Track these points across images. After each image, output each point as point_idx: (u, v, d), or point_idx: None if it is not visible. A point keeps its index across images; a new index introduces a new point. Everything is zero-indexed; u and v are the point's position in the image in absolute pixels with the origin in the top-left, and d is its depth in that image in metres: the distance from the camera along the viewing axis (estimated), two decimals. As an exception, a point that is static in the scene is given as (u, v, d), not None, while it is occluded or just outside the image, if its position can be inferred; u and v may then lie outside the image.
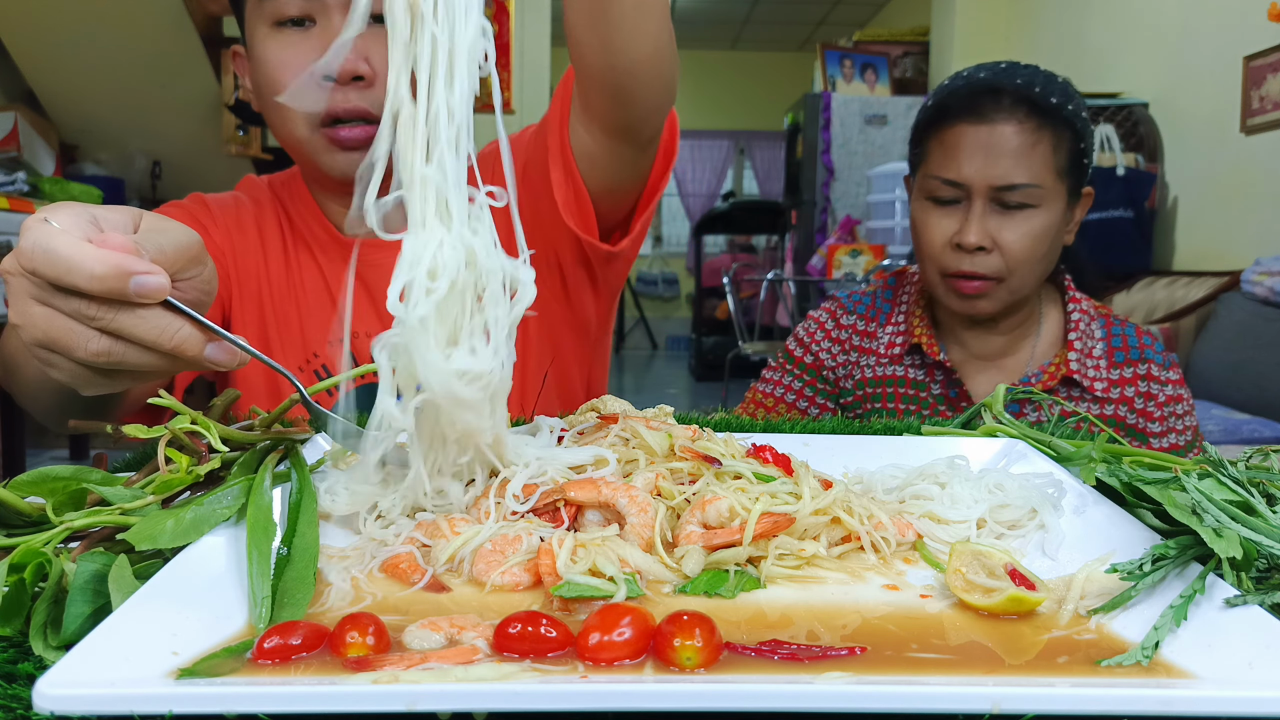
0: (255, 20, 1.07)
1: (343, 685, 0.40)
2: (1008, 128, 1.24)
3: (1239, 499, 0.58)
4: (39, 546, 0.52)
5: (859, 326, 1.46)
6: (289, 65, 1.04)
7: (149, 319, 0.58)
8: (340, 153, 1.07)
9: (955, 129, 1.27)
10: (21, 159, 4.03)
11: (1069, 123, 1.26)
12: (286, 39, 1.05)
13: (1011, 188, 1.24)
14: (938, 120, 1.30)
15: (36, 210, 3.29)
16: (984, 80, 1.29)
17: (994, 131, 1.24)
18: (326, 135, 1.06)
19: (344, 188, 1.12)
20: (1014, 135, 1.24)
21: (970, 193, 1.25)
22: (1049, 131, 1.25)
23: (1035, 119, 1.24)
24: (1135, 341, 1.35)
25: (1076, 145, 1.27)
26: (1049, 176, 1.25)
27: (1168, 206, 4.01)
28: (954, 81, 1.33)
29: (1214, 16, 3.75)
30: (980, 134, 1.25)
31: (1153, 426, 1.33)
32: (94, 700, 0.38)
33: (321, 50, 1.03)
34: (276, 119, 1.08)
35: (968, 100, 1.27)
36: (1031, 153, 1.24)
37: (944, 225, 1.28)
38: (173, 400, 0.65)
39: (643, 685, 0.41)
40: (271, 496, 0.60)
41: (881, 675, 0.45)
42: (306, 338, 1.17)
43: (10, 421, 3.45)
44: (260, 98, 1.10)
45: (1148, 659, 0.46)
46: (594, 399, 0.80)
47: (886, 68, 5.66)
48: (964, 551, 0.56)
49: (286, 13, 1.04)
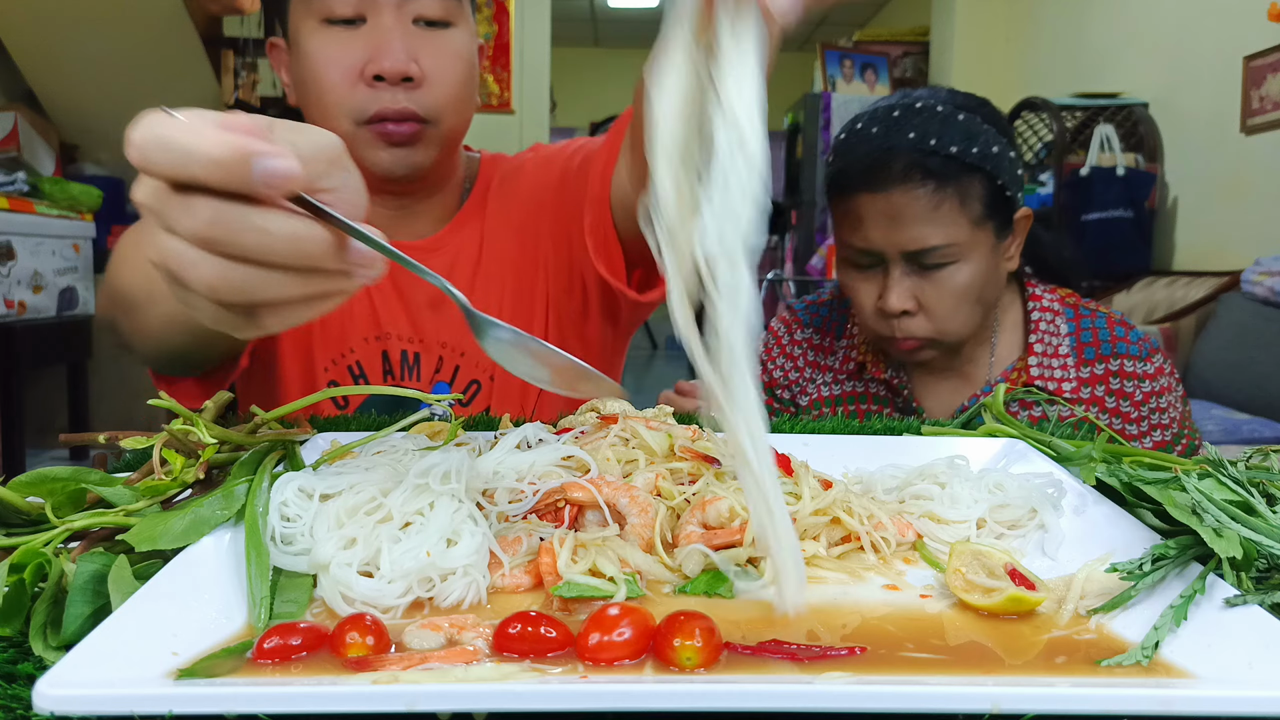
0: (302, 15, 1.06)
1: (343, 685, 0.40)
2: (906, 196, 1.17)
3: (1239, 499, 0.58)
4: (39, 547, 0.52)
5: (814, 340, 1.41)
6: (336, 62, 1.04)
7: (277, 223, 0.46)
8: (385, 149, 1.06)
9: (856, 199, 1.20)
10: (21, 159, 4.03)
11: (976, 168, 1.18)
12: (335, 36, 1.04)
13: (924, 251, 1.18)
14: (839, 188, 1.23)
15: (36, 210, 3.25)
16: (877, 141, 1.20)
17: (892, 200, 1.17)
18: (373, 131, 1.05)
19: (386, 186, 1.11)
20: (914, 201, 1.17)
21: (885, 258, 1.20)
22: (952, 187, 1.17)
23: (933, 180, 1.16)
24: (1107, 335, 1.28)
25: (991, 185, 1.19)
26: (963, 231, 1.18)
27: (1168, 206, 4.01)
28: (849, 138, 1.25)
29: (1214, 16, 3.74)
30: (879, 203, 1.18)
31: (1130, 429, 1.26)
32: (94, 700, 0.38)
33: (370, 49, 1.03)
34: (318, 113, 1.07)
35: (864, 168, 1.19)
36: (936, 215, 1.17)
37: (867, 289, 1.23)
38: (171, 402, 0.65)
39: (643, 685, 0.41)
40: (270, 497, 0.60)
41: (881, 675, 0.45)
42: (345, 332, 1.16)
43: (10, 421, 3.45)
44: (301, 92, 1.09)
45: (1148, 659, 0.46)
46: (594, 399, 0.79)
47: (886, 68, 5.66)
48: (964, 551, 0.56)
49: (338, 12, 1.03)
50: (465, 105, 1.10)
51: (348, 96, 1.04)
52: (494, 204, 1.20)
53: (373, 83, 1.03)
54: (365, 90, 1.04)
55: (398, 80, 1.03)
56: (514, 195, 1.20)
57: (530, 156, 1.23)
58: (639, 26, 9.04)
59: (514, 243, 1.18)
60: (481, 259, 1.18)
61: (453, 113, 1.08)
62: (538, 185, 1.19)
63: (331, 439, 0.74)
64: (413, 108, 1.04)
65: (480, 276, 1.17)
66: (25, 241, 3.59)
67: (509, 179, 1.22)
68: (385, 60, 1.02)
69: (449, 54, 1.06)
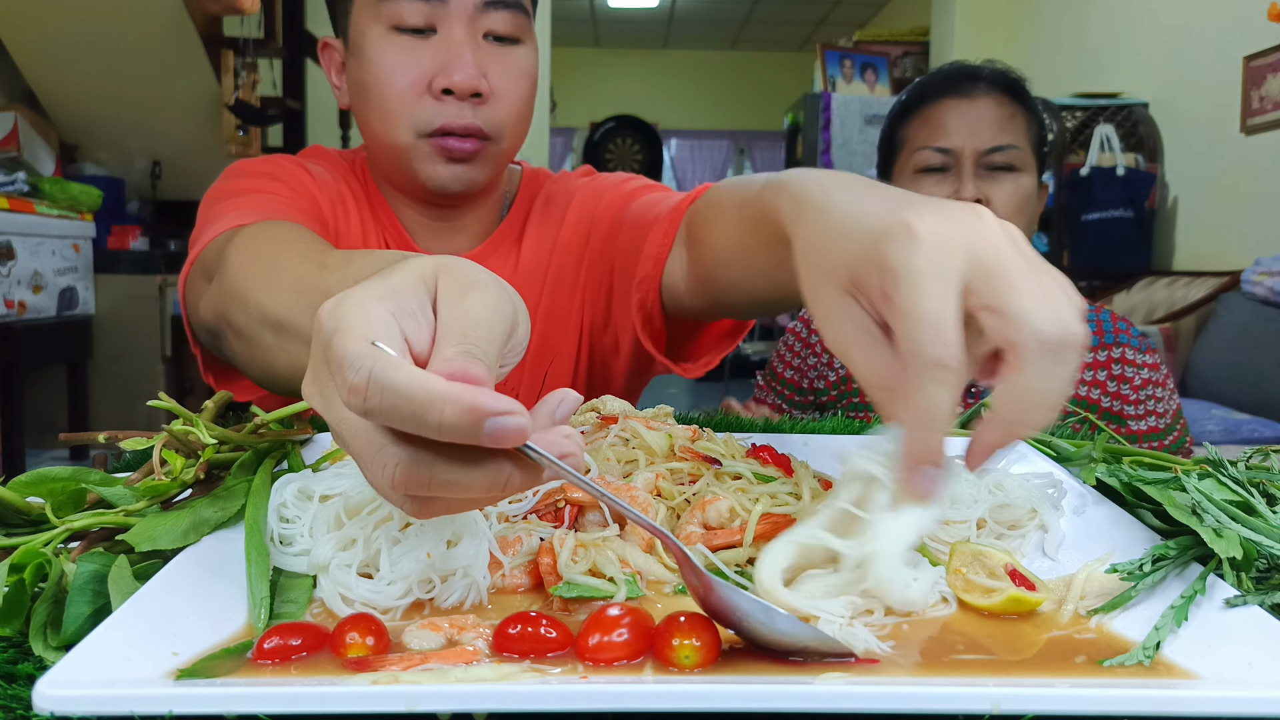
0: (368, 20, 1.03)
1: (343, 685, 0.40)
2: (989, 100, 1.37)
3: (1239, 499, 0.58)
4: (39, 547, 0.52)
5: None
6: (403, 71, 1.01)
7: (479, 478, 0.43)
8: (444, 164, 1.03)
9: (939, 105, 1.39)
10: (21, 159, 4.03)
11: (1035, 110, 1.41)
12: (403, 44, 1.01)
13: (997, 149, 1.35)
14: (920, 102, 1.42)
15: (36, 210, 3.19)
16: (956, 68, 1.43)
17: (975, 105, 1.37)
18: (435, 144, 1.02)
19: (434, 198, 1.09)
20: (994, 107, 1.37)
21: (959, 159, 1.36)
22: (1022, 108, 1.39)
23: (1011, 96, 1.39)
24: (1110, 326, 1.42)
25: (1041, 131, 1.41)
26: (1026, 145, 1.37)
27: (1168, 206, 4.01)
28: (927, 76, 1.46)
29: (1214, 16, 3.75)
30: (963, 106, 1.37)
31: (1129, 410, 1.38)
32: (94, 700, 0.38)
33: (439, 61, 1.00)
34: (377, 121, 1.04)
35: (948, 81, 1.40)
36: (1011, 123, 1.37)
37: (937, 191, 1.36)
38: (171, 403, 0.65)
39: (642, 685, 0.41)
40: (270, 497, 0.60)
41: (881, 675, 0.45)
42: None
43: (10, 421, 3.45)
44: (360, 97, 1.06)
45: (1149, 659, 0.46)
46: (594, 399, 0.79)
47: (886, 68, 5.65)
48: (964, 551, 0.56)
49: (409, 20, 1.00)
50: (526, 124, 1.08)
51: (413, 107, 1.01)
52: (535, 223, 1.17)
53: (440, 96, 1.01)
54: (431, 103, 1.01)
55: (466, 95, 1.00)
56: (559, 218, 1.17)
57: (584, 183, 1.20)
58: (639, 26, 9.04)
59: (552, 265, 1.16)
60: (518, 277, 1.16)
61: (514, 131, 1.06)
62: (585, 214, 1.16)
63: (332, 439, 0.74)
64: (478, 123, 1.02)
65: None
66: (25, 241, 3.59)
67: (555, 201, 1.19)
68: (456, 73, 0.99)
69: (516, 71, 1.04)
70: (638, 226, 1.04)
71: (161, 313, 4.18)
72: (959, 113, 1.37)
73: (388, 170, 1.10)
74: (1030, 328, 0.46)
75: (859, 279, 0.51)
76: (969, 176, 1.35)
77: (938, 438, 0.48)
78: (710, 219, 0.88)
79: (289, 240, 0.81)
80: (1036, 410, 0.47)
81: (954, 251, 0.47)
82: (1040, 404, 0.47)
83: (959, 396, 0.47)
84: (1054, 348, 0.46)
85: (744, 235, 0.77)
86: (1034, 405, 0.47)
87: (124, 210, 4.66)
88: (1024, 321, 0.46)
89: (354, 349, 0.41)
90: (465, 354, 0.43)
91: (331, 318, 0.44)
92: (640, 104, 9.64)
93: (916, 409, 0.48)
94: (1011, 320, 0.46)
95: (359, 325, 0.43)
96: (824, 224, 0.55)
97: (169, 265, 4.25)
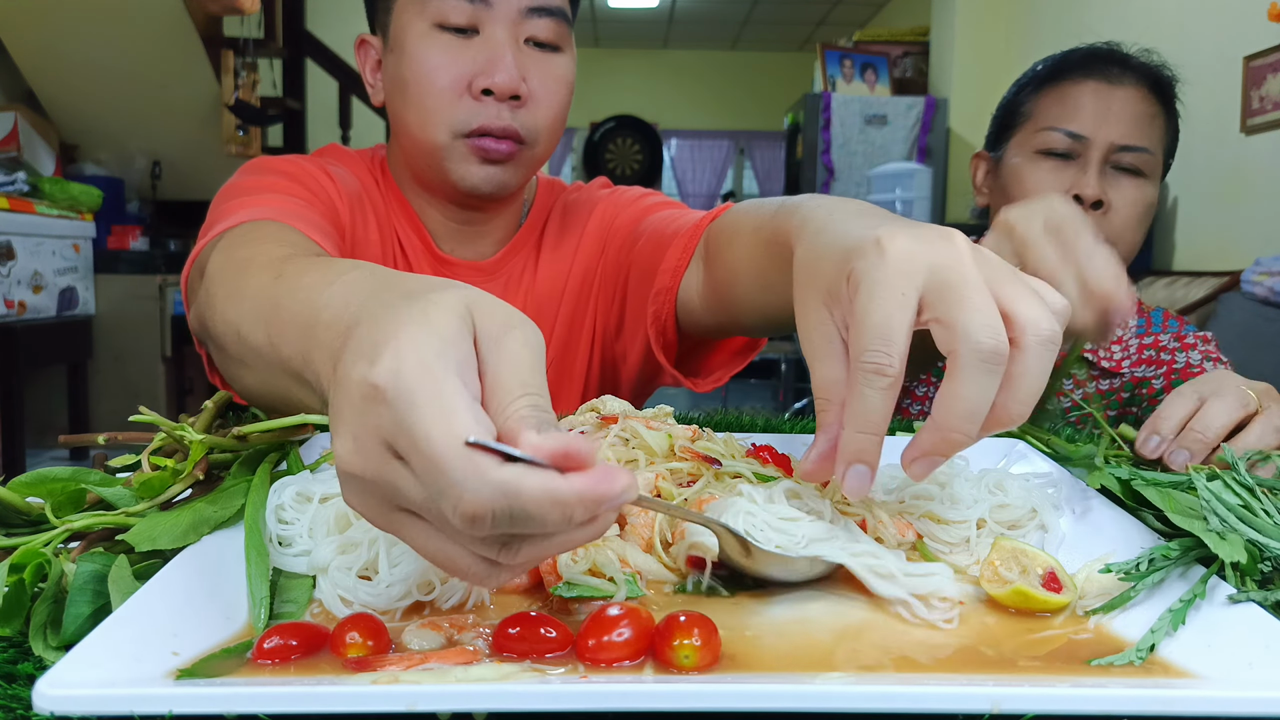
0: (411, 16, 1.03)
1: (343, 685, 0.40)
2: (1134, 92, 1.24)
3: (1244, 502, 0.58)
4: (39, 547, 0.52)
5: None
6: (445, 69, 1.01)
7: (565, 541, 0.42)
8: (479, 165, 1.03)
9: (1079, 85, 1.25)
10: (21, 159, 4.03)
11: (1175, 116, 1.29)
12: (446, 42, 1.01)
13: (1129, 149, 1.23)
14: (1056, 76, 1.28)
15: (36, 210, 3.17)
16: (1105, 49, 1.29)
17: (1117, 93, 1.24)
18: (471, 145, 1.02)
19: (463, 200, 1.09)
20: (1138, 101, 1.24)
21: (1088, 148, 1.23)
22: (1163, 109, 1.27)
23: (1157, 94, 1.26)
24: (1175, 325, 1.36)
25: (1174, 142, 1.29)
26: (1159, 152, 1.26)
27: (1168, 206, 4.01)
28: (1068, 51, 1.32)
29: (1214, 16, 3.75)
30: (1104, 92, 1.24)
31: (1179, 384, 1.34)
32: (94, 700, 0.38)
33: (481, 62, 1.01)
34: (414, 119, 1.04)
35: (1093, 61, 1.27)
36: (1151, 124, 1.25)
37: (1055, 178, 1.24)
38: (154, 416, 0.65)
39: (642, 685, 0.41)
40: (269, 500, 0.60)
41: (881, 675, 0.45)
42: None
43: (10, 421, 3.45)
44: (398, 94, 1.05)
45: (1142, 659, 0.46)
46: (593, 399, 0.79)
47: (886, 68, 5.65)
48: (1006, 546, 0.56)
49: (453, 19, 1.01)
50: (559, 132, 1.09)
51: (452, 106, 1.01)
52: (555, 230, 1.18)
53: (480, 96, 1.01)
54: (471, 103, 1.01)
55: (506, 97, 1.01)
56: (578, 228, 1.18)
57: (604, 194, 1.21)
58: (639, 26, 9.04)
59: (570, 274, 1.16)
60: (536, 285, 1.16)
61: (548, 138, 1.07)
62: (604, 224, 1.17)
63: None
64: (515, 126, 1.02)
65: (533, 301, 1.16)
66: (25, 241, 3.59)
67: (576, 210, 1.20)
68: (498, 74, 1.00)
69: (555, 77, 1.05)
70: (656, 240, 1.05)
71: (162, 313, 4.18)
72: (1099, 97, 1.24)
73: (419, 169, 1.10)
74: (967, 339, 0.48)
75: (834, 290, 0.54)
76: (1095, 171, 1.22)
77: (871, 439, 0.51)
78: (728, 237, 0.90)
79: (264, 243, 0.79)
80: (967, 419, 0.49)
81: (915, 268, 0.50)
82: (970, 413, 0.49)
83: (893, 402, 0.50)
84: (986, 358, 0.48)
85: (758, 254, 0.80)
86: (964, 414, 0.49)
87: (124, 210, 4.66)
88: (962, 333, 0.48)
89: (455, 464, 0.37)
90: (534, 408, 0.41)
91: (395, 389, 0.39)
92: (640, 104, 9.63)
93: (853, 411, 0.51)
94: (953, 331, 0.49)
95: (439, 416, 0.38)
96: (817, 242, 0.58)
97: (169, 265, 4.26)
